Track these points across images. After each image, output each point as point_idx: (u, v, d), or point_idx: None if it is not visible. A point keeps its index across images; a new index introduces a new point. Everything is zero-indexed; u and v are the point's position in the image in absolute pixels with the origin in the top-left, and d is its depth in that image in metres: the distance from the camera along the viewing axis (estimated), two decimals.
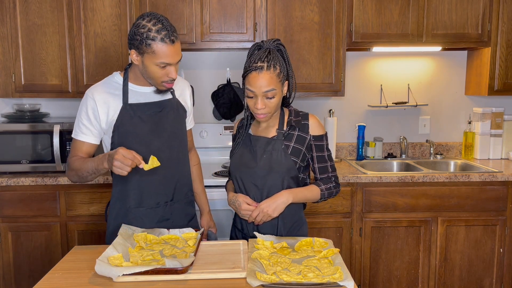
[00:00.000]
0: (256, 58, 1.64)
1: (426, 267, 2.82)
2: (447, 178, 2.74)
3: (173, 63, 1.68)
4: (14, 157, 2.76)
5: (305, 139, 1.77)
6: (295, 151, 1.75)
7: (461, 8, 2.95)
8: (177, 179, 1.88)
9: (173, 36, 1.64)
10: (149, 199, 1.82)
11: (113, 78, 1.83)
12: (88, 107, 1.76)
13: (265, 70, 1.62)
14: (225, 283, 1.38)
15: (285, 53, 1.71)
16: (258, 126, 1.81)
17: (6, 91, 2.88)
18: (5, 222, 2.71)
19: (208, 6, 2.86)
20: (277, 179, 1.74)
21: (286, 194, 1.72)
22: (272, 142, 1.75)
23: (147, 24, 1.63)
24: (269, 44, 1.68)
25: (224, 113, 3.20)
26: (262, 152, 1.74)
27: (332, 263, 1.49)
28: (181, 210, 1.91)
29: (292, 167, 1.74)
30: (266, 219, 1.72)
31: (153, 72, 1.69)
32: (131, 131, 1.77)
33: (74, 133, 1.79)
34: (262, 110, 1.67)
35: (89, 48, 2.86)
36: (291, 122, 1.77)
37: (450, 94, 3.39)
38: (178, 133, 1.88)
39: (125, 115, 1.76)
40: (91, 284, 1.37)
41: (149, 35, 1.62)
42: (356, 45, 2.99)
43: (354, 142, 3.36)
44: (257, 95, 1.65)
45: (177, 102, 1.89)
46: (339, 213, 2.74)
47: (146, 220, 1.81)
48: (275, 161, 1.73)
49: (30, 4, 2.81)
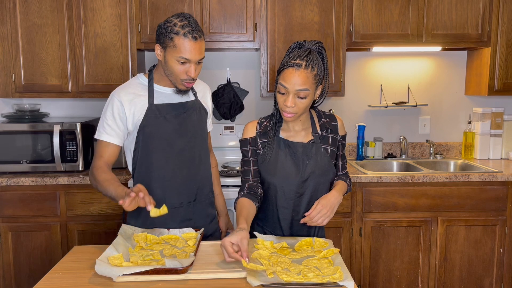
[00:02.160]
0: (296, 55, 1.60)
1: (426, 267, 2.82)
2: (447, 178, 2.74)
3: (193, 60, 1.70)
4: (14, 157, 2.76)
5: (336, 140, 1.77)
6: (332, 154, 1.75)
7: (461, 8, 2.95)
8: (199, 179, 1.89)
9: (196, 33, 1.67)
10: (172, 199, 1.83)
11: (137, 80, 1.84)
12: (114, 108, 1.76)
13: (302, 68, 1.58)
14: (225, 283, 1.38)
15: (325, 57, 1.67)
16: (289, 130, 1.75)
17: (6, 91, 2.88)
18: (5, 222, 2.71)
19: (208, 6, 2.86)
20: (321, 183, 1.72)
21: (338, 193, 1.69)
22: (312, 147, 1.72)
23: (174, 20, 1.68)
24: (311, 45, 1.64)
25: (224, 113, 3.20)
26: (305, 158, 1.71)
27: (332, 263, 1.49)
28: (203, 210, 1.92)
29: (332, 169, 1.75)
30: (326, 219, 1.64)
31: (173, 67, 1.71)
32: (155, 132, 1.78)
33: (98, 133, 1.78)
34: (291, 109, 1.61)
35: (89, 48, 2.86)
36: (325, 125, 1.75)
37: (450, 94, 3.39)
38: (201, 134, 1.89)
39: (151, 115, 1.77)
40: (91, 284, 1.37)
41: (173, 29, 1.66)
42: (356, 45, 2.99)
43: (354, 142, 3.36)
44: (289, 92, 1.59)
45: (200, 104, 1.91)
46: (339, 213, 2.74)
47: (169, 220, 1.80)
48: (319, 166, 1.71)
49: (30, 4, 2.81)
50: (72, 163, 2.76)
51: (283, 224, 1.76)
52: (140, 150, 1.80)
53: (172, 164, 1.81)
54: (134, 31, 2.85)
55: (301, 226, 1.76)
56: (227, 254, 1.42)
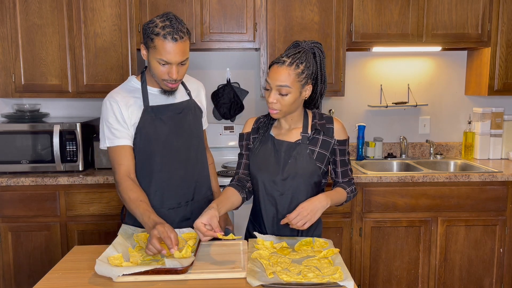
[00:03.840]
0: (285, 53, 1.63)
1: (426, 267, 2.82)
2: (447, 178, 2.74)
3: (173, 62, 1.66)
4: (14, 157, 2.76)
5: (330, 143, 1.73)
6: (320, 156, 1.71)
7: (461, 8, 2.95)
8: (196, 179, 1.89)
9: (177, 35, 1.63)
10: (170, 200, 1.83)
11: (129, 83, 1.83)
12: (115, 112, 1.74)
13: (286, 65, 1.59)
14: (225, 283, 1.38)
15: (320, 57, 1.66)
16: (280, 128, 1.75)
17: (6, 91, 2.88)
18: (5, 222, 2.70)
19: (208, 6, 2.86)
20: (301, 184, 1.70)
21: (324, 198, 1.63)
22: (296, 147, 1.70)
23: (157, 20, 1.66)
24: (306, 45, 1.65)
25: (224, 113, 3.20)
26: (287, 157, 1.70)
27: (332, 263, 1.49)
28: (201, 209, 1.89)
29: (317, 172, 1.71)
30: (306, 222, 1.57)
31: (154, 68, 1.70)
32: (152, 133, 1.77)
33: (109, 141, 1.74)
34: (274, 105, 1.62)
35: (89, 48, 2.86)
36: (315, 126, 1.71)
37: (450, 94, 3.39)
38: (197, 134, 1.89)
39: (147, 117, 1.76)
40: (91, 284, 1.37)
41: (154, 30, 1.64)
42: (356, 45, 2.99)
43: (354, 142, 3.36)
44: (272, 88, 1.61)
45: (194, 103, 1.90)
46: (339, 213, 2.74)
47: (168, 220, 1.79)
48: (300, 166, 1.69)
49: (30, 4, 2.81)
50: (72, 163, 2.76)
51: (265, 221, 1.76)
52: (138, 152, 1.79)
53: (169, 165, 1.81)
54: (134, 31, 2.85)
55: (284, 226, 1.72)
56: (202, 234, 1.48)
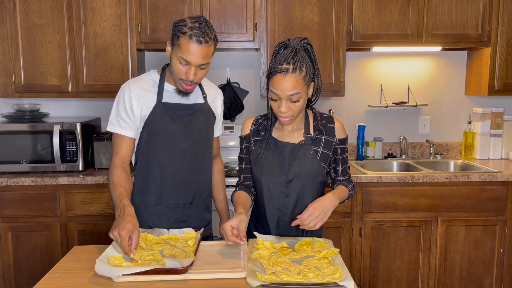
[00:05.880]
0: (282, 59, 1.56)
1: (426, 267, 2.82)
2: (447, 178, 2.74)
3: (193, 63, 1.67)
4: (14, 157, 2.76)
5: (332, 143, 1.72)
6: (324, 157, 1.71)
7: (461, 8, 2.95)
8: (199, 183, 1.89)
9: (202, 38, 1.64)
10: (168, 199, 1.83)
11: (149, 76, 1.84)
12: (125, 100, 1.76)
13: (290, 73, 1.54)
14: (225, 283, 1.38)
15: (312, 53, 1.62)
16: (282, 130, 1.73)
17: (6, 91, 2.88)
18: (5, 222, 2.70)
19: (208, 6, 2.86)
20: (307, 185, 1.70)
21: (333, 197, 1.64)
22: (300, 148, 1.69)
23: (188, 21, 1.67)
24: (296, 43, 1.60)
25: (224, 113, 3.19)
26: (291, 158, 1.69)
27: (332, 263, 1.49)
28: (198, 214, 1.91)
29: (321, 172, 1.71)
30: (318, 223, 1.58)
31: (174, 65, 1.71)
32: (160, 130, 1.78)
33: (111, 126, 1.78)
34: (286, 114, 1.59)
35: (89, 48, 2.86)
36: (318, 127, 1.71)
37: (450, 94, 3.39)
38: (205, 138, 1.89)
39: (157, 112, 1.77)
40: (91, 284, 1.37)
41: (182, 29, 1.65)
42: (356, 45, 2.99)
43: (354, 142, 3.36)
44: (281, 98, 1.57)
45: (208, 108, 1.90)
46: (339, 213, 2.74)
47: (163, 219, 1.81)
48: (305, 167, 1.68)
49: (30, 4, 2.81)
50: (72, 163, 2.76)
51: (270, 223, 1.76)
52: (143, 146, 1.80)
53: (173, 164, 1.81)
54: (134, 31, 2.85)
55: (289, 228, 1.73)
56: (226, 238, 1.52)
